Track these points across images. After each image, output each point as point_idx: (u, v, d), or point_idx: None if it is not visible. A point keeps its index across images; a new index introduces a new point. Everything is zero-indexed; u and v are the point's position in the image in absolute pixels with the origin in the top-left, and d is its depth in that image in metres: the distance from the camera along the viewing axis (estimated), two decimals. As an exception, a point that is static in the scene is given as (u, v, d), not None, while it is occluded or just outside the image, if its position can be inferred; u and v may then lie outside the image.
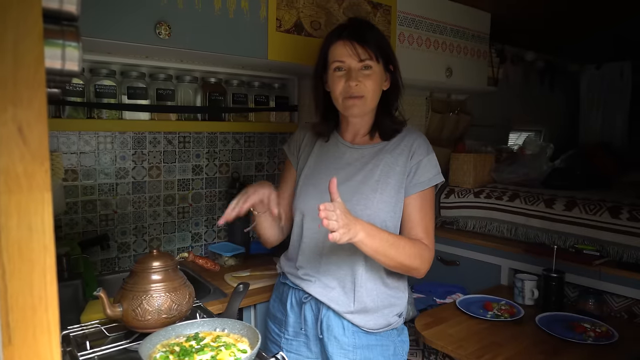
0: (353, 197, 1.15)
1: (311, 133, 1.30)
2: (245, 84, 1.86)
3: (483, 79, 2.43)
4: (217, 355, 0.86)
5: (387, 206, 1.14)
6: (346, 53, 1.12)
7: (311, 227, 1.19)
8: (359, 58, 1.11)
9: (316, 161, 1.24)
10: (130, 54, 1.42)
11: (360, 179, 1.16)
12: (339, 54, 1.13)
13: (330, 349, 1.16)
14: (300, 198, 1.22)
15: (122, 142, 1.67)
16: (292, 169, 1.31)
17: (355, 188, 1.16)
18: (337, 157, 1.22)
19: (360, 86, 1.12)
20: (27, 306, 0.55)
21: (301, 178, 1.25)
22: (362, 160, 1.19)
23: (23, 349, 0.55)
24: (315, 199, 1.16)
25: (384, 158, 1.18)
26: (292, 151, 1.32)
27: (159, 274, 1.07)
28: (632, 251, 1.76)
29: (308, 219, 1.19)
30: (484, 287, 2.04)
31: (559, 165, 2.60)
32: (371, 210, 1.13)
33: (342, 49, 1.13)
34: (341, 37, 1.13)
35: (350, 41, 1.12)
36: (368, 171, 1.17)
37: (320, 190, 1.18)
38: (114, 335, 1.11)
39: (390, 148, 1.19)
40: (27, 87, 0.53)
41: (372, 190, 1.14)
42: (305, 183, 1.22)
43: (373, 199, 1.13)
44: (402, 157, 1.17)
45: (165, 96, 1.60)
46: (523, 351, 1.39)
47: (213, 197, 1.95)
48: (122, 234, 1.73)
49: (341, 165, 1.20)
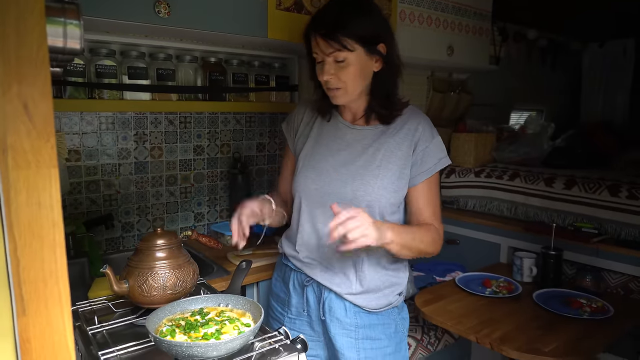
0: (354, 182, 1.13)
1: (310, 111, 1.27)
2: (245, 64, 1.85)
3: (485, 57, 2.42)
4: (221, 328, 0.89)
5: (387, 193, 1.13)
6: (316, 46, 1.09)
7: (309, 210, 1.19)
8: (325, 53, 1.08)
9: (316, 140, 1.22)
10: (130, 32, 1.42)
11: (361, 164, 1.14)
12: (313, 46, 1.10)
13: (333, 330, 1.18)
14: (299, 181, 1.20)
15: (124, 123, 1.68)
16: (290, 151, 1.30)
17: (355, 172, 1.14)
18: (338, 137, 1.20)
19: (334, 79, 1.09)
20: (38, 279, 0.57)
21: (300, 159, 1.23)
22: (363, 142, 1.17)
23: (37, 319, 0.57)
24: (314, 183, 1.17)
25: (385, 142, 1.15)
26: (290, 132, 1.30)
27: (164, 251, 1.10)
28: (630, 229, 1.79)
29: (306, 203, 1.19)
30: (483, 265, 2.07)
31: (559, 144, 2.60)
32: (371, 197, 1.12)
33: (313, 42, 1.10)
34: (310, 29, 1.10)
35: (315, 35, 1.08)
36: (369, 155, 1.15)
37: (319, 172, 1.17)
38: (121, 311, 1.14)
39: (393, 131, 1.16)
40: (31, 65, 0.54)
41: (373, 176, 1.12)
42: (305, 165, 1.21)
43: (374, 184, 1.12)
44: (405, 142, 1.14)
45: (166, 76, 1.60)
46: (520, 326, 1.43)
47: (215, 177, 1.96)
48: (126, 214, 1.75)
49: (342, 146, 1.18)
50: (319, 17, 1.10)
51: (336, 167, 1.16)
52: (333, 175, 1.16)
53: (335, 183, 1.15)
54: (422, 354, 1.79)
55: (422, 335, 1.82)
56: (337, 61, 1.08)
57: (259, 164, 2.09)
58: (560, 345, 1.29)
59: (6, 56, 0.51)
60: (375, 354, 1.18)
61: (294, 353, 0.92)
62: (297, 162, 1.25)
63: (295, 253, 1.23)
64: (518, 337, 1.35)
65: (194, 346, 0.77)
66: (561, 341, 1.32)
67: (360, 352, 1.17)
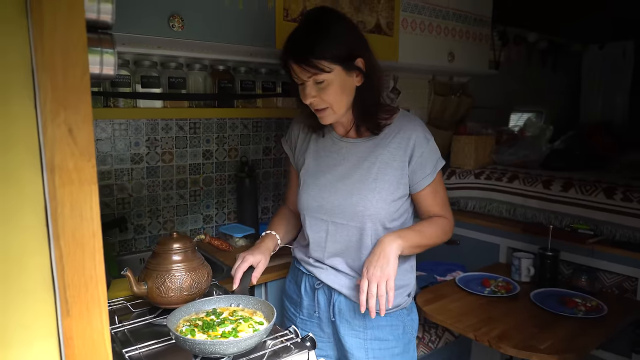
0: (352, 197, 1.17)
1: (305, 126, 1.29)
2: (252, 71, 1.92)
3: (485, 62, 2.47)
4: (237, 327, 0.96)
5: (386, 205, 1.16)
6: (293, 72, 1.10)
7: (313, 224, 1.24)
8: (301, 78, 1.09)
9: (315, 157, 1.26)
10: (144, 44, 1.48)
11: (357, 178, 1.17)
12: (293, 71, 1.10)
13: (342, 331, 1.23)
14: (302, 197, 1.25)
15: (136, 129, 1.74)
16: (292, 167, 1.37)
17: (353, 187, 1.17)
18: (334, 151, 1.23)
19: (317, 100, 1.10)
20: (81, 284, 0.64)
21: (302, 175, 1.28)
22: (357, 156, 1.19)
23: (79, 320, 0.64)
24: (315, 200, 1.22)
25: (380, 155, 1.17)
26: (290, 148, 1.35)
27: (179, 254, 1.16)
28: (624, 230, 1.85)
29: (310, 219, 1.25)
30: (483, 265, 2.13)
31: (558, 146, 2.66)
32: (371, 211, 1.16)
33: (290, 67, 1.10)
34: (285, 57, 1.10)
35: (290, 62, 1.09)
36: (365, 169, 1.17)
37: (319, 188, 1.22)
38: (139, 311, 1.21)
39: (386, 142, 1.18)
40: (75, 93, 0.61)
41: (370, 190, 1.15)
42: (307, 182, 1.25)
43: (372, 198, 1.15)
44: (399, 151, 1.16)
45: (177, 84, 1.66)
46: (517, 325, 1.49)
47: (223, 181, 2.03)
48: (138, 217, 1.82)
49: (338, 160, 1.21)
50: (291, 43, 1.10)
51: (334, 182, 1.20)
52: (332, 191, 1.20)
53: (335, 199, 1.19)
54: (424, 352, 1.86)
55: (423, 333, 1.89)
56: (317, 82, 1.08)
57: (265, 167, 2.15)
58: (556, 343, 1.36)
59: (54, 86, 0.57)
60: (384, 354, 1.22)
61: (304, 351, 0.98)
62: (299, 177, 1.30)
63: (306, 258, 1.29)
64: (515, 335, 1.41)
65: (216, 344, 0.84)
66: (556, 339, 1.38)
67: (369, 352, 1.22)
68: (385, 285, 1.06)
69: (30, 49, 0.59)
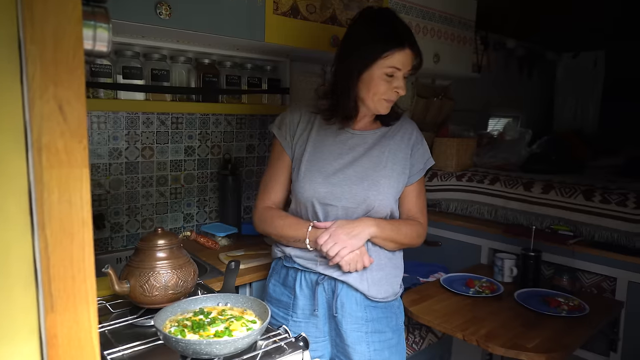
0: (364, 181, 1.19)
1: (307, 115, 1.27)
2: (238, 66, 1.87)
3: (468, 65, 2.51)
4: (229, 326, 0.91)
5: (393, 191, 1.22)
6: (406, 62, 1.15)
7: (322, 213, 1.21)
8: (410, 67, 1.16)
9: (316, 145, 1.24)
10: (128, 33, 1.42)
11: (367, 165, 1.21)
12: (399, 61, 1.14)
13: (345, 325, 1.22)
14: (307, 186, 1.20)
15: (115, 122, 1.67)
16: (286, 155, 1.27)
17: (363, 173, 1.20)
18: (339, 141, 1.24)
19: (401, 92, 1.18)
20: (67, 276, 0.59)
21: (303, 164, 1.23)
22: (364, 146, 1.24)
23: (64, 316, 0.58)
24: (324, 186, 1.20)
25: (388, 144, 1.24)
26: (284, 136, 1.27)
27: (164, 251, 1.11)
28: (603, 231, 1.89)
29: (320, 205, 1.21)
30: (464, 266, 2.14)
31: (535, 150, 2.72)
32: (382, 196, 1.19)
33: (403, 56, 1.14)
34: (402, 45, 1.13)
35: (411, 50, 1.15)
36: (374, 157, 1.22)
37: (325, 175, 1.20)
38: (119, 311, 1.15)
39: (392, 134, 1.26)
40: (67, 68, 0.56)
41: (382, 176, 1.21)
42: (310, 170, 1.21)
43: (384, 184, 1.20)
44: (403, 144, 1.26)
45: (160, 77, 1.60)
46: (503, 324, 1.49)
47: (205, 179, 1.97)
48: (115, 214, 1.74)
49: (344, 150, 1.24)
50: (404, 31, 1.16)
51: (342, 169, 1.21)
52: (340, 177, 1.20)
53: (345, 185, 1.20)
54: (408, 353, 1.84)
55: (408, 334, 1.88)
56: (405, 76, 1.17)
57: (249, 165, 2.10)
58: (542, 342, 1.36)
59: (44, 60, 0.52)
60: (382, 346, 1.24)
61: (298, 351, 0.95)
62: (295, 166, 1.25)
63: (306, 253, 1.23)
64: (502, 334, 1.41)
65: (212, 343, 0.79)
66: (543, 337, 1.39)
67: (370, 345, 1.23)
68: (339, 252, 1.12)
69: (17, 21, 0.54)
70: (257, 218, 1.29)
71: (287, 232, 1.22)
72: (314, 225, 1.19)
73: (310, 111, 1.28)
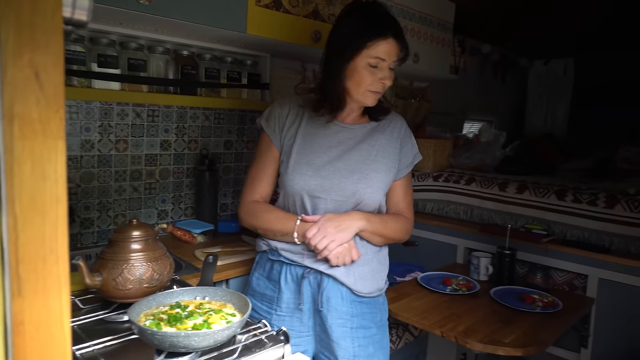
0: (354, 174, 1.18)
1: (295, 108, 1.26)
2: (217, 59, 1.83)
3: (446, 67, 2.54)
4: (208, 319, 0.88)
5: (383, 184, 1.22)
6: (391, 52, 1.13)
7: (311, 206, 1.19)
8: (395, 58, 1.14)
9: (305, 139, 1.22)
10: (104, 19, 1.36)
11: (357, 158, 1.20)
12: (383, 51, 1.11)
13: (330, 320, 1.20)
14: (297, 179, 1.18)
15: (88, 113, 1.60)
16: (274, 148, 1.25)
17: (353, 166, 1.19)
18: (328, 135, 1.22)
19: (388, 83, 1.16)
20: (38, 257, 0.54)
21: (292, 157, 1.20)
22: (354, 139, 1.23)
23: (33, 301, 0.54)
24: (313, 179, 1.18)
25: (378, 138, 1.23)
26: (273, 128, 1.25)
27: (140, 243, 1.06)
28: (574, 230, 1.94)
29: (309, 198, 1.19)
30: (440, 265, 2.16)
31: (508, 153, 2.78)
32: (372, 189, 1.18)
33: (387, 46, 1.12)
34: (386, 35, 1.11)
35: (395, 40, 1.13)
36: (364, 150, 1.21)
37: (315, 168, 1.19)
38: (89, 307, 1.09)
39: (382, 128, 1.25)
40: (44, 32, 0.52)
41: (371, 170, 1.20)
42: (299, 162, 1.19)
43: (373, 178, 1.19)
44: (393, 138, 1.25)
45: (137, 66, 1.55)
46: (480, 320, 1.50)
47: (181, 174, 1.92)
48: (86, 209, 1.67)
49: (334, 143, 1.22)
50: (390, 21, 1.14)
51: (332, 162, 1.20)
52: (330, 169, 1.19)
53: (335, 177, 1.18)
54: (386, 351, 1.84)
55: (386, 332, 1.87)
56: (391, 68, 1.15)
57: (226, 161, 2.06)
58: (519, 337, 1.38)
59: (20, 23, 0.48)
60: (367, 342, 1.22)
61: (279, 344, 0.92)
62: (284, 159, 1.23)
63: (293, 247, 1.20)
64: (480, 330, 1.42)
65: (191, 335, 0.76)
66: (519, 333, 1.41)
67: (355, 341, 1.21)
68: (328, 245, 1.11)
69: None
70: (243, 212, 1.26)
71: (275, 225, 1.19)
72: (302, 218, 1.16)
73: (299, 104, 1.26)
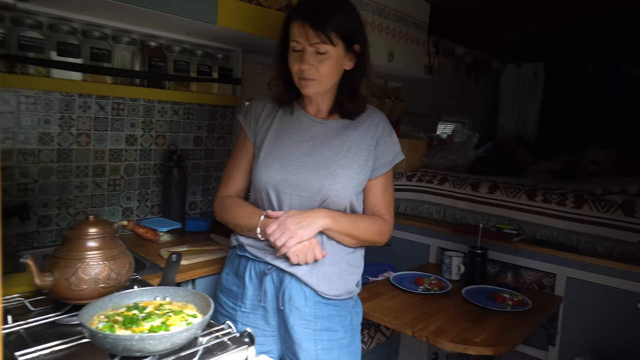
0: (320, 170, 1.15)
1: (271, 103, 1.26)
2: (187, 52, 1.77)
3: (421, 66, 2.54)
4: (166, 321, 0.83)
5: (352, 182, 1.16)
6: (300, 34, 1.09)
7: (276, 201, 1.17)
8: (309, 42, 1.09)
9: (277, 134, 1.21)
10: (64, 5, 1.29)
11: (327, 154, 1.16)
12: (294, 33, 1.10)
13: (292, 320, 1.16)
14: (263, 173, 1.17)
15: (47, 104, 1.52)
16: (249, 143, 1.26)
17: (321, 162, 1.16)
18: (301, 129, 1.20)
19: (312, 70, 1.10)
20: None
21: (262, 151, 1.20)
22: (327, 135, 1.19)
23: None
24: (278, 173, 1.16)
25: (351, 134, 1.19)
26: (249, 123, 1.26)
27: (96, 241, 1.00)
28: (544, 230, 1.97)
29: (274, 193, 1.17)
30: (413, 265, 2.16)
31: (481, 153, 2.81)
32: (338, 185, 1.14)
33: (297, 29, 1.10)
34: (297, 17, 1.10)
35: (303, 23, 1.08)
36: (335, 147, 1.17)
37: (283, 162, 1.16)
38: (40, 309, 1.02)
39: (356, 125, 1.20)
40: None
41: (339, 166, 1.15)
42: (268, 157, 1.18)
43: (341, 174, 1.15)
44: (368, 135, 1.19)
45: (101, 57, 1.47)
46: (452, 320, 1.50)
47: (147, 170, 1.85)
48: (43, 206, 1.58)
49: (305, 138, 1.19)
50: (309, 5, 1.10)
51: (300, 157, 1.16)
52: (297, 164, 1.16)
53: (301, 173, 1.15)
54: (357, 351, 1.81)
55: (358, 332, 1.85)
56: (319, 53, 1.09)
57: (196, 158, 2.00)
58: (489, 336, 1.38)
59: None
60: (332, 345, 1.18)
61: (242, 347, 0.88)
62: (256, 154, 1.22)
63: (257, 242, 1.18)
64: (451, 330, 1.41)
65: (146, 338, 0.70)
66: (489, 332, 1.41)
67: (318, 344, 1.16)
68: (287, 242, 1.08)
69: None
70: (217, 206, 1.27)
71: (242, 220, 1.18)
72: (266, 214, 1.14)
73: (275, 100, 1.26)
